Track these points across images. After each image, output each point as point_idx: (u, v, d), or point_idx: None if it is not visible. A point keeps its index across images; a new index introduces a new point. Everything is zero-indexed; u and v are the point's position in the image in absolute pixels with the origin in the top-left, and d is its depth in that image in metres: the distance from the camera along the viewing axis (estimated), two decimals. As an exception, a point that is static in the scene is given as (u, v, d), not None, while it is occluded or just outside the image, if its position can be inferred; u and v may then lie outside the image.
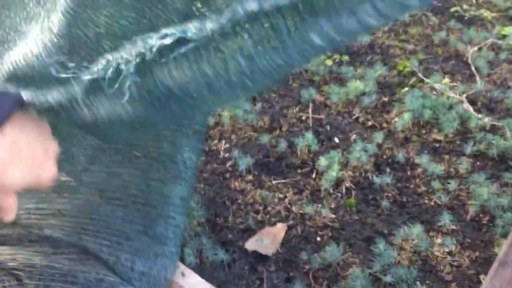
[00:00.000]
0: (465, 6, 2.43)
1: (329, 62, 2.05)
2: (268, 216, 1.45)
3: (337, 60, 2.08)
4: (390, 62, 2.07)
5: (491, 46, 2.11)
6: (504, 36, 2.16)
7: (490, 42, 2.10)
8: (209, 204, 1.47)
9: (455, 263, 1.31)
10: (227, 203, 1.48)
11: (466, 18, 2.35)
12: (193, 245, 1.32)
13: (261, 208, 1.47)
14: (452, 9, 2.41)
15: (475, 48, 2.07)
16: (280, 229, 1.41)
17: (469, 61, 2.03)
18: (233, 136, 1.72)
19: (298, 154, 1.63)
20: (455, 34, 2.20)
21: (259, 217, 1.44)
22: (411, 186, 1.53)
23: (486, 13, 2.37)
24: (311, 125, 1.75)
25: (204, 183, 1.55)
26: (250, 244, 1.37)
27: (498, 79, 1.95)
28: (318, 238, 1.38)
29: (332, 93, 1.83)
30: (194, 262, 1.29)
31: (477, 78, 1.94)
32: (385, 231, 1.39)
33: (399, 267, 1.27)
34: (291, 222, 1.42)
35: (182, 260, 1.27)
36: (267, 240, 1.37)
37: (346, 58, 2.09)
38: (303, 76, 2.03)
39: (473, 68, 2.00)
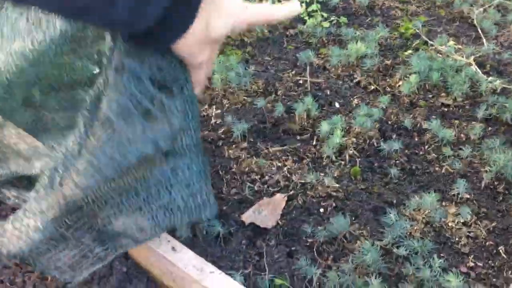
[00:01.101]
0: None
1: (325, 24, 1.91)
2: (265, 186, 1.32)
3: (334, 22, 1.94)
4: (392, 24, 1.93)
5: (496, 7, 1.99)
6: (510, -2, 2.04)
7: (496, 3, 1.97)
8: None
9: (471, 234, 1.20)
10: (221, 173, 1.35)
11: (468, -21, 2.21)
12: (184, 217, 1.18)
13: (257, 177, 1.34)
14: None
15: (481, 9, 1.94)
16: (279, 200, 1.28)
17: (475, 22, 1.91)
18: (225, 101, 1.58)
19: (297, 120, 1.50)
20: (458, -4, 2.07)
21: (256, 187, 1.31)
22: (420, 152, 1.41)
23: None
24: (309, 89, 1.61)
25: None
26: (247, 216, 1.24)
27: (506, 41, 1.83)
28: (321, 209, 1.26)
29: (332, 55, 1.70)
30: (186, 236, 1.15)
31: (484, 40, 1.82)
32: (394, 201, 1.28)
33: (412, 239, 1.16)
34: (291, 192, 1.30)
35: (173, 233, 1.14)
36: (266, 212, 1.25)
37: (344, 19, 1.95)
38: (299, 38, 1.88)
39: (479, 30, 1.87)
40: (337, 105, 1.56)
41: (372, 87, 1.63)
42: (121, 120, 0.69)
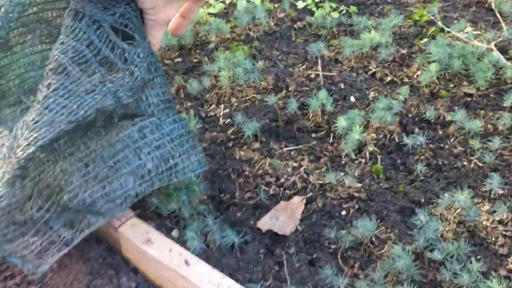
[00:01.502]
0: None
1: (335, 15, 1.81)
2: (282, 188, 1.22)
3: (343, 12, 1.84)
4: (404, 12, 1.83)
5: (514, -10, 1.88)
6: (528, -21, 1.93)
7: (514, -15, 1.87)
8: (212, 178, 1.24)
9: (508, 233, 1.10)
10: (233, 176, 1.25)
11: (481, -38, 2.11)
12: (196, 227, 1.09)
13: (272, 180, 1.24)
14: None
15: (499, -8, 1.84)
16: (297, 203, 1.19)
17: (492, 6, 1.81)
18: (233, 99, 1.48)
19: (311, 116, 1.40)
20: (472, -20, 1.97)
21: (271, 191, 1.22)
22: (446, 146, 1.31)
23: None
24: (322, 83, 1.52)
25: (204, 153, 1.31)
26: (264, 223, 1.14)
27: (528, 25, 1.73)
28: (343, 212, 1.17)
29: (344, 46, 1.60)
30: (199, 248, 1.06)
31: (503, 24, 1.72)
32: (422, 200, 1.18)
33: (445, 241, 1.06)
34: (309, 195, 1.20)
35: (185, 245, 1.05)
36: (283, 217, 1.15)
37: (354, 9, 1.85)
38: (307, 30, 1.78)
39: (497, 14, 1.77)
40: (352, 99, 1.47)
41: (389, 78, 1.54)
42: (76, 67, 0.64)
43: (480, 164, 1.25)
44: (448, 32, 1.69)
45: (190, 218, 1.12)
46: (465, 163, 1.26)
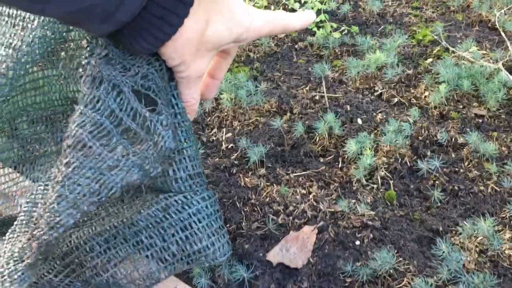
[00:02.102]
0: (477, -30, 2.17)
1: (336, 35, 1.76)
2: (291, 217, 1.15)
3: (345, 32, 1.80)
4: (407, 32, 1.80)
5: (517, 9, 1.86)
6: (529, -2, 1.91)
7: (516, 4, 1.84)
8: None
9: (533, 263, 1.04)
10: (238, 205, 1.18)
11: (481, -18, 2.09)
12: (202, 261, 1.01)
13: (281, 208, 1.17)
14: (463, -26, 2.15)
15: (503, 11, 1.81)
16: (308, 233, 1.12)
17: (496, 25, 1.77)
18: (235, 123, 1.42)
19: (318, 140, 1.34)
20: (473, -1, 1.94)
21: (280, 220, 1.15)
22: (461, 170, 1.25)
23: (502, -24, 2.12)
24: (327, 105, 1.46)
25: (207, 180, 1.24)
26: (274, 255, 1.07)
27: (534, 44, 1.69)
28: (357, 242, 1.10)
29: (349, 67, 1.55)
30: (206, 285, 0.98)
31: (508, 43, 1.68)
32: (440, 229, 1.11)
33: (468, 273, 0.99)
34: (320, 224, 1.14)
35: (191, 283, 0.97)
36: (294, 249, 1.08)
37: (355, 29, 1.81)
38: (309, 50, 1.74)
39: (502, 33, 1.74)
40: (359, 121, 1.41)
41: (396, 100, 1.48)
42: (96, 142, 0.56)
43: (498, 189, 1.19)
44: (453, 52, 1.65)
45: (195, 251, 1.04)
46: (482, 188, 1.20)
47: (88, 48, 0.57)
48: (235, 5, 0.53)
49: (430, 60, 1.64)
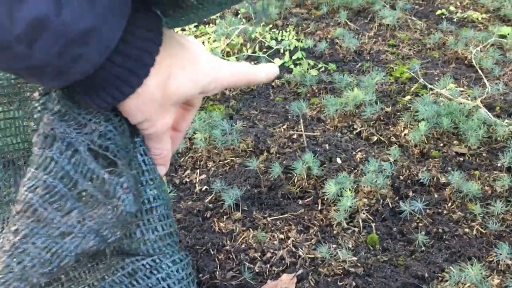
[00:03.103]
0: (451, 8, 2.20)
1: (314, 72, 1.74)
2: (268, 265, 1.08)
3: (322, 69, 1.77)
4: (384, 69, 1.78)
5: (492, 46, 1.87)
6: (503, 36, 1.93)
7: (491, 41, 1.85)
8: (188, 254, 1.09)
9: (524, 311, 0.99)
10: (212, 252, 1.11)
11: (455, 20, 2.11)
12: (171, 317, 0.93)
13: (257, 255, 1.10)
14: (438, 12, 2.18)
15: (478, 49, 1.82)
16: (287, 282, 1.05)
17: (473, 63, 1.77)
18: (210, 164, 1.36)
19: (296, 181, 1.29)
20: (448, 37, 1.95)
21: (256, 268, 1.08)
22: (444, 212, 1.21)
23: (475, 14, 2.15)
24: (305, 144, 1.41)
25: (178, 226, 1.17)
26: (250, 308, 1.00)
27: (511, 81, 1.69)
28: (339, 291, 1.03)
29: (327, 104, 1.51)
30: None
31: (485, 81, 1.68)
32: (426, 275, 1.06)
33: (458, 324, 0.93)
34: (300, 271, 1.07)
35: None
36: (272, 300, 1.01)
37: (332, 66, 1.79)
38: (286, 88, 1.70)
39: (479, 71, 1.74)
40: (339, 160, 1.36)
41: (375, 138, 1.45)
42: (48, 206, 0.50)
43: (483, 231, 1.15)
44: (431, 89, 1.63)
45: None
46: (466, 230, 1.16)
47: (40, 101, 0.51)
48: (200, 58, 0.50)
49: (408, 97, 1.62)
